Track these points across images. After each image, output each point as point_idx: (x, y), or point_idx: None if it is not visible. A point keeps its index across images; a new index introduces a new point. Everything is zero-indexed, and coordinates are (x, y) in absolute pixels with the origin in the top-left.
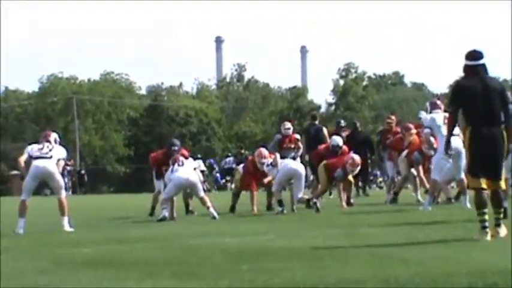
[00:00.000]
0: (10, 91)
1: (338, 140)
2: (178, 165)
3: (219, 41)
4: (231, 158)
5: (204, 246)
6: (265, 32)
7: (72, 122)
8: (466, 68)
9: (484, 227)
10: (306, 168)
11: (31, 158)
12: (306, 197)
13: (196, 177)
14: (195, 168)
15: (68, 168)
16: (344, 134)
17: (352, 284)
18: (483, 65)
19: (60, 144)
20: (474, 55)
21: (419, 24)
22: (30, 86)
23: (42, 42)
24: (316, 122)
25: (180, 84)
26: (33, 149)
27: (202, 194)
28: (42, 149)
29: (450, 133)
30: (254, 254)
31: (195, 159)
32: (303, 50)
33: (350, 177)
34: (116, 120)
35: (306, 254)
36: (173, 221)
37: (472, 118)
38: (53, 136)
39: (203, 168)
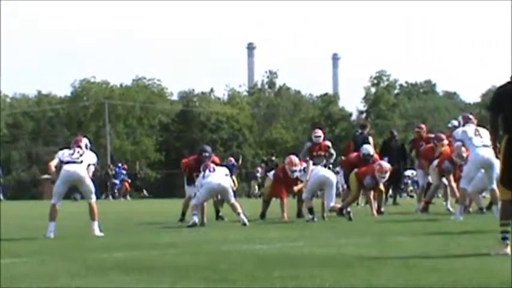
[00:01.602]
0: (43, 95)
1: (369, 148)
2: (210, 171)
3: (251, 47)
4: (262, 169)
5: (235, 252)
6: (297, 39)
7: (103, 127)
8: None
9: (505, 238)
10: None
11: (62, 162)
12: (338, 206)
13: (227, 183)
14: (226, 175)
15: (124, 172)
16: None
17: None
18: None
19: (90, 149)
20: None
21: (452, 32)
22: (63, 90)
23: (75, 46)
24: (365, 131)
25: (212, 90)
26: (64, 154)
27: (233, 200)
28: (73, 154)
29: (495, 137)
30: (285, 261)
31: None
32: (335, 57)
33: (381, 186)
34: (147, 125)
35: (336, 262)
36: (203, 227)
37: (508, 125)
38: (84, 141)
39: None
